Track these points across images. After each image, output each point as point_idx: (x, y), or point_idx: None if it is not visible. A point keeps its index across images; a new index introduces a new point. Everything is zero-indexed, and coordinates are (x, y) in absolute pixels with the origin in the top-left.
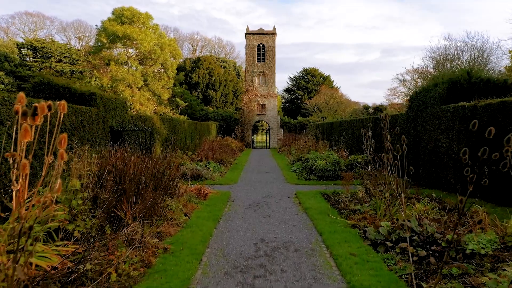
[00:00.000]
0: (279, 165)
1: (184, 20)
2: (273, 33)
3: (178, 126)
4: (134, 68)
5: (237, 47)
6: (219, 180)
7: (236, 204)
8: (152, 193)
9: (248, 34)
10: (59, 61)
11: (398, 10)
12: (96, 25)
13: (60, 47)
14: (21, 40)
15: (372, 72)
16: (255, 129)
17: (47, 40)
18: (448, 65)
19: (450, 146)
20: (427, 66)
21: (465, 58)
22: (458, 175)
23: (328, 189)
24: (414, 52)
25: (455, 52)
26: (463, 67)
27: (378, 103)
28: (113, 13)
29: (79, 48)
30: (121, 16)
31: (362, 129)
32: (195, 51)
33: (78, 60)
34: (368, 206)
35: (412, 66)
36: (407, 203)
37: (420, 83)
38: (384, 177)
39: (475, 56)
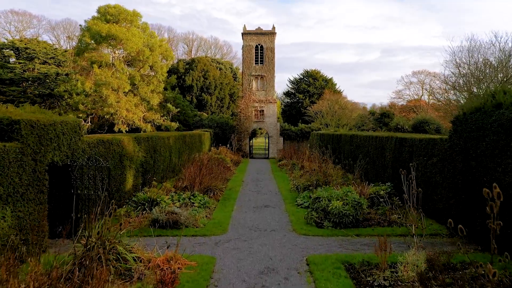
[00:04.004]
0: (281, 192)
1: (185, 20)
2: (272, 33)
3: (160, 144)
4: (121, 71)
5: (236, 47)
6: (203, 227)
7: None
8: None
9: (245, 34)
10: (44, 62)
11: (398, 10)
12: (81, 25)
13: (45, 48)
14: (5, 41)
15: (372, 72)
16: (253, 135)
17: (34, 40)
18: (487, 72)
19: None
20: (463, 76)
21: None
22: None
23: (351, 248)
24: (414, 52)
25: (504, 56)
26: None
27: (377, 103)
28: (98, 11)
29: (68, 48)
30: (106, 14)
31: (401, 171)
32: (191, 51)
33: (64, 61)
34: None
35: (444, 74)
36: None
37: (451, 93)
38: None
39: None
